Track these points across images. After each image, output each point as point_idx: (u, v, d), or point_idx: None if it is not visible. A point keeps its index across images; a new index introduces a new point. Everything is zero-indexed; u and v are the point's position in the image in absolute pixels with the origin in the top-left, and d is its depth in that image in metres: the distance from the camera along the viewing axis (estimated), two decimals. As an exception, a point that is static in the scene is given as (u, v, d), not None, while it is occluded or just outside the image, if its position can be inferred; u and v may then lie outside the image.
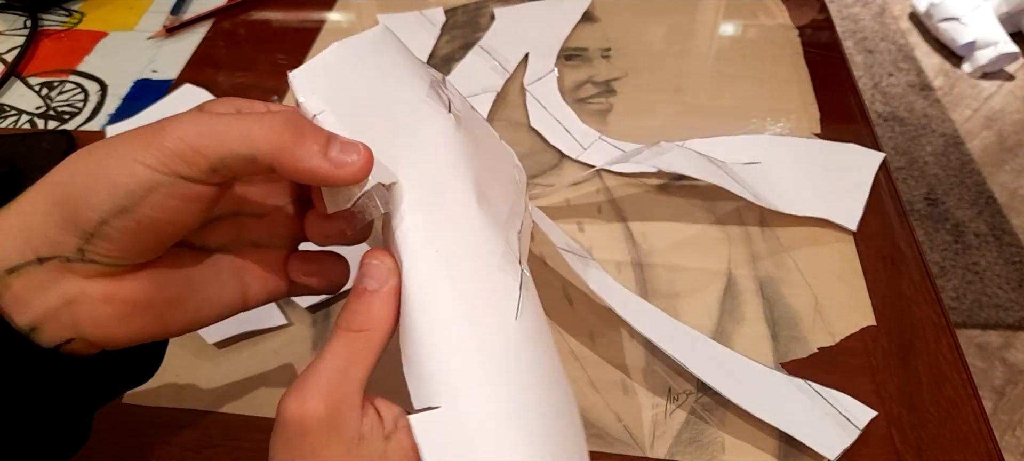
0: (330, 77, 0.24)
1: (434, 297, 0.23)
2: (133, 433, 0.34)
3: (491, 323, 0.23)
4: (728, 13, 0.60)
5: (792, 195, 0.42)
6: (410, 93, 0.25)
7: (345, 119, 0.23)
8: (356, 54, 0.25)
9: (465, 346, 0.23)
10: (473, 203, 0.24)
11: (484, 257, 0.24)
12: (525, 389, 0.23)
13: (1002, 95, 1.64)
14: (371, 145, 0.23)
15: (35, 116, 0.53)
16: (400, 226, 0.23)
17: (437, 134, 0.24)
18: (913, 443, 0.33)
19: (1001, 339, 1.19)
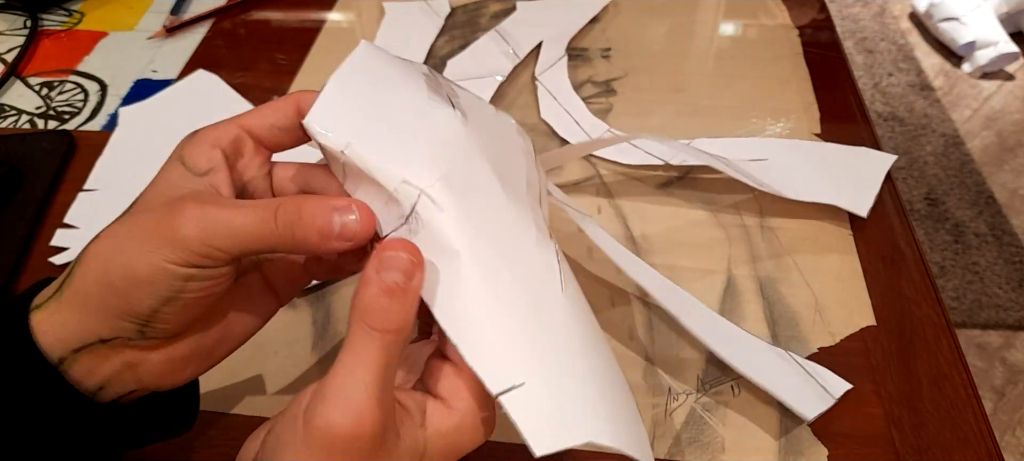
0: (339, 109, 0.24)
1: (495, 281, 0.23)
2: (133, 433, 0.34)
3: (544, 299, 0.24)
4: (728, 13, 0.60)
5: (801, 185, 0.43)
6: (413, 99, 0.25)
7: (368, 144, 0.24)
8: (352, 78, 0.25)
9: (528, 326, 0.23)
10: (499, 190, 0.25)
11: (522, 240, 0.25)
12: (586, 353, 0.24)
13: (1002, 95, 1.64)
14: (396, 159, 0.24)
15: (35, 116, 0.53)
16: (451, 219, 0.23)
17: (451, 133, 0.25)
18: (913, 443, 0.33)
19: (1001, 339, 1.19)
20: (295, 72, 0.55)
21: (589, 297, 0.38)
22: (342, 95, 0.25)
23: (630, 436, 0.24)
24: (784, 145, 0.47)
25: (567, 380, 0.23)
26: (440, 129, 0.25)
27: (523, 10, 0.59)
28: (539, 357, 0.23)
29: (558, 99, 0.51)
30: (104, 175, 0.46)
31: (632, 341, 0.37)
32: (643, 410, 0.34)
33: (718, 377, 0.35)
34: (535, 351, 0.23)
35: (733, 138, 0.48)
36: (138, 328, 0.23)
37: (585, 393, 0.23)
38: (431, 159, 0.24)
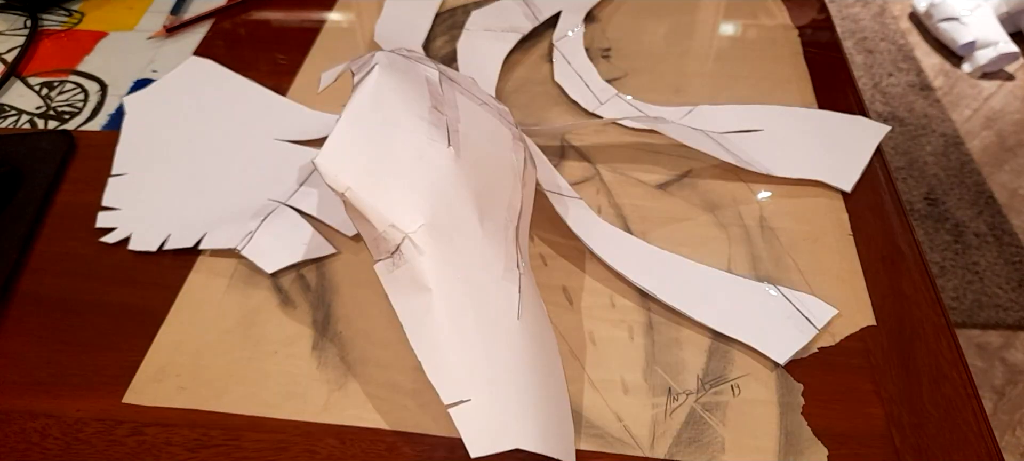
0: (347, 153, 0.28)
1: (458, 315, 0.28)
2: (132, 433, 0.34)
3: (501, 326, 0.29)
4: (728, 13, 0.60)
5: (788, 160, 0.45)
6: (414, 140, 0.29)
7: (365, 190, 0.28)
8: (363, 118, 0.29)
9: (483, 350, 0.28)
10: (477, 227, 0.29)
11: (490, 273, 0.29)
12: (530, 372, 0.29)
13: (1002, 95, 1.64)
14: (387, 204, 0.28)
15: (35, 116, 0.53)
16: (428, 262, 0.28)
17: (441, 175, 0.29)
18: (913, 443, 0.33)
19: (1001, 339, 1.19)
20: (295, 72, 0.55)
21: (589, 298, 0.39)
22: (350, 137, 0.29)
23: (557, 440, 0.29)
24: (780, 112, 0.49)
25: (506, 396, 0.28)
26: (434, 171, 0.29)
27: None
28: (486, 377, 0.28)
29: (572, 65, 0.54)
30: (126, 159, 0.48)
31: (632, 341, 0.37)
32: (643, 410, 0.34)
33: (718, 377, 0.35)
34: (483, 372, 0.28)
35: (732, 106, 0.50)
36: None
37: (520, 406, 0.28)
38: (420, 205, 0.28)
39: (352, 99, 0.30)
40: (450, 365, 0.28)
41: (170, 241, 0.42)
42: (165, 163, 0.47)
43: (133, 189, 0.46)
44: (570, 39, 0.56)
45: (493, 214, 0.30)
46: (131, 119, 0.51)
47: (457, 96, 0.33)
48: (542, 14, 0.57)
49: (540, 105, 0.51)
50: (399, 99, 0.30)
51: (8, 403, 0.35)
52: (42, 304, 0.40)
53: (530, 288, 0.31)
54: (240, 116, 0.50)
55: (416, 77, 0.32)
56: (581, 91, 0.51)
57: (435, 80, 0.33)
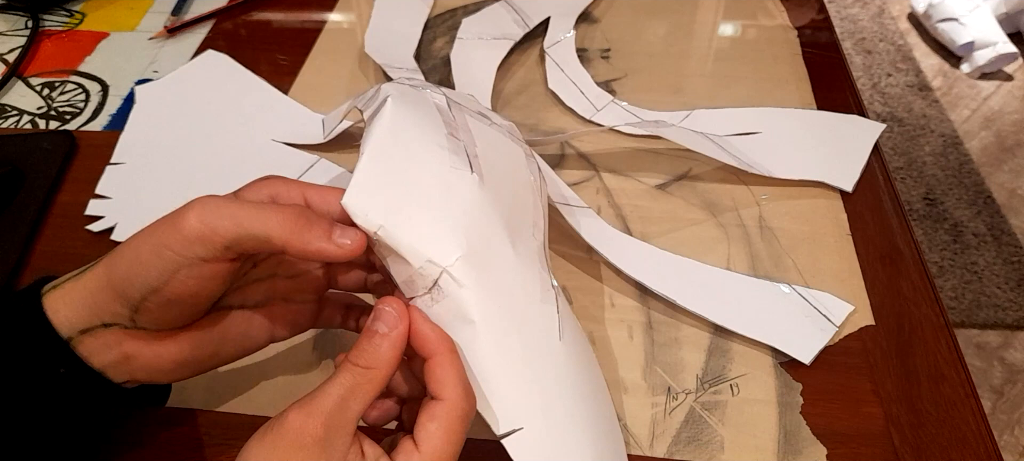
0: (373, 190, 0.27)
1: (503, 344, 0.27)
2: (133, 433, 0.34)
3: (544, 351, 0.28)
4: (728, 13, 0.60)
5: (788, 161, 0.45)
6: (439, 171, 0.29)
7: (398, 227, 0.27)
8: (384, 154, 0.28)
9: (532, 376, 0.28)
10: (510, 253, 0.29)
11: (529, 300, 0.29)
12: (576, 395, 0.29)
13: (1001, 95, 1.65)
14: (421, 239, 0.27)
15: (36, 116, 0.53)
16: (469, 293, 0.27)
17: (469, 204, 0.28)
18: (912, 443, 0.33)
19: (1000, 339, 1.20)
20: (296, 72, 0.55)
21: (589, 298, 0.39)
22: (375, 173, 0.28)
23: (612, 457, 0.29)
24: (776, 114, 0.49)
25: (559, 422, 0.28)
26: (462, 200, 0.28)
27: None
28: (537, 404, 0.27)
29: (565, 71, 0.53)
30: (128, 149, 0.48)
31: (632, 341, 0.37)
32: (643, 410, 0.34)
33: (718, 377, 0.35)
34: (533, 399, 0.27)
35: (729, 109, 0.50)
36: (130, 315, 0.25)
37: (573, 430, 0.28)
38: (453, 237, 0.27)
39: (370, 134, 0.29)
40: (500, 395, 0.27)
41: None
42: (164, 156, 0.47)
43: (128, 179, 0.46)
44: (561, 45, 0.55)
45: (523, 236, 0.30)
46: (140, 109, 0.51)
47: (467, 119, 0.32)
48: (532, 20, 0.57)
49: (537, 109, 0.51)
50: (416, 130, 0.29)
51: (10, 403, 0.35)
52: (43, 304, 0.40)
53: (566, 310, 0.31)
54: (244, 115, 0.50)
55: (427, 105, 0.31)
56: (576, 98, 0.51)
57: (444, 106, 0.32)
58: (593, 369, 0.31)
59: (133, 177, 0.46)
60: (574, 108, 0.50)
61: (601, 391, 0.31)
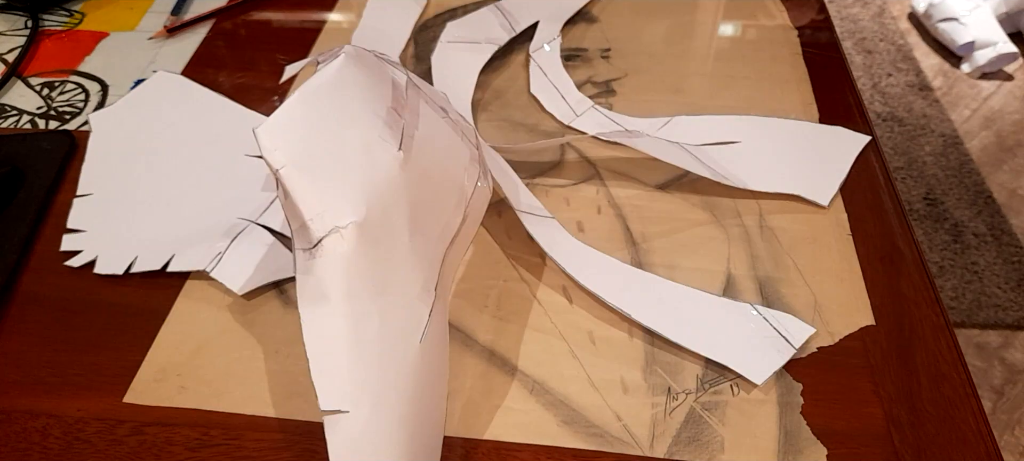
0: (292, 129, 0.27)
1: (361, 323, 0.27)
2: (133, 433, 0.34)
3: (400, 347, 0.28)
4: (728, 13, 0.60)
5: (764, 173, 0.44)
6: (364, 135, 0.28)
7: (302, 172, 0.26)
8: (317, 99, 0.28)
9: (378, 365, 0.27)
10: (405, 240, 0.28)
11: (405, 291, 0.28)
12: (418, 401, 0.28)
13: (1001, 95, 1.65)
14: (322, 192, 0.26)
15: (36, 116, 0.53)
16: (347, 260, 0.26)
17: (384, 176, 0.28)
18: (912, 443, 0.33)
19: (1000, 339, 1.20)
20: (295, 72, 0.55)
21: (588, 298, 0.39)
22: (299, 114, 0.27)
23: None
24: (758, 123, 0.48)
25: (387, 419, 0.27)
26: (377, 171, 0.27)
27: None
28: (372, 394, 0.27)
29: (548, 75, 0.53)
30: (93, 179, 0.46)
31: (632, 341, 0.37)
32: (643, 409, 0.34)
33: (718, 377, 0.35)
34: (370, 388, 0.27)
35: (710, 116, 0.49)
36: None
37: (399, 434, 0.27)
38: (353, 201, 0.27)
39: (310, 79, 0.28)
40: (338, 370, 0.26)
41: (137, 264, 0.40)
42: (132, 182, 0.45)
43: (99, 209, 0.44)
44: (546, 51, 0.55)
45: (426, 230, 0.29)
46: (97, 137, 0.49)
47: (421, 104, 0.31)
48: (519, 24, 0.57)
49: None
50: (357, 90, 0.29)
51: (9, 403, 0.35)
52: (42, 304, 0.40)
53: (440, 317, 0.30)
54: (209, 132, 0.49)
55: (382, 75, 0.30)
56: (557, 103, 0.51)
57: (401, 83, 0.31)
58: (440, 387, 0.31)
59: (104, 207, 0.44)
60: (553, 113, 0.50)
61: (438, 414, 0.31)
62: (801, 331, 0.36)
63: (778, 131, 0.48)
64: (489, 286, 0.39)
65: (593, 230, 0.42)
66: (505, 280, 0.40)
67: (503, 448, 0.33)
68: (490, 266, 0.40)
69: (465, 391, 0.35)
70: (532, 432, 0.33)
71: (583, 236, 0.42)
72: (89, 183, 0.46)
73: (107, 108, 0.52)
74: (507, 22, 0.57)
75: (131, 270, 0.40)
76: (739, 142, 0.46)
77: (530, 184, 0.45)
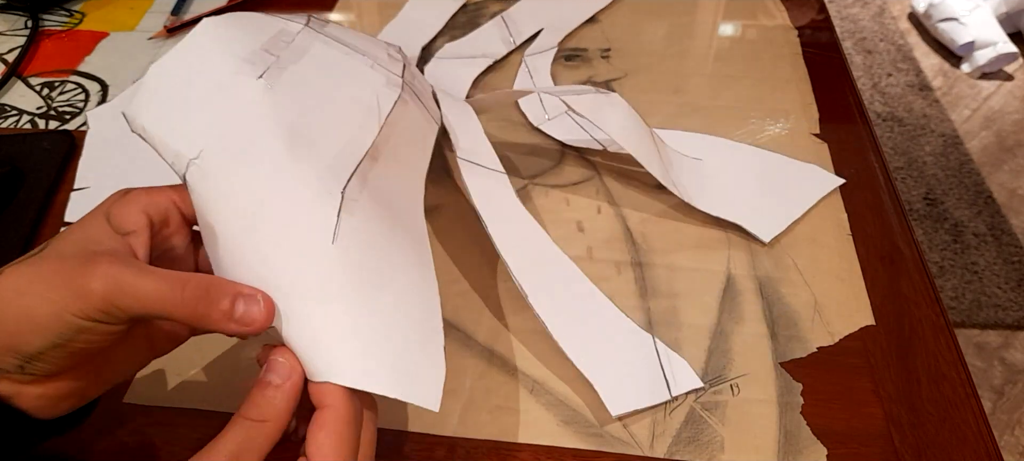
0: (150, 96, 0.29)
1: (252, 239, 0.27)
2: (133, 433, 0.34)
3: (306, 247, 0.27)
4: (728, 13, 0.60)
5: (715, 196, 0.43)
6: (216, 75, 0.29)
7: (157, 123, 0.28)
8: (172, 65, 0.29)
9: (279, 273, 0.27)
10: (283, 153, 0.28)
11: (295, 194, 0.28)
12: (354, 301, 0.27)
13: (1001, 95, 1.65)
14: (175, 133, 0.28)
15: (36, 116, 0.53)
16: (216, 184, 0.27)
17: (239, 101, 0.28)
18: (912, 443, 0.33)
19: (1000, 339, 1.20)
20: (295, 72, 0.55)
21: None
22: (156, 84, 0.29)
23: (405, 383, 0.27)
24: (726, 146, 0.47)
25: (315, 324, 0.26)
26: (232, 101, 0.28)
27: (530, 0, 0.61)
28: (288, 298, 0.26)
29: (533, 79, 0.53)
30: (89, 174, 0.47)
31: (632, 341, 0.37)
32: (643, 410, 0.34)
33: (718, 377, 0.35)
34: (284, 293, 0.26)
35: (681, 132, 0.48)
36: (19, 364, 0.24)
37: (333, 337, 0.26)
38: (202, 131, 0.28)
39: (164, 56, 0.30)
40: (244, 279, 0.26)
41: None
42: (127, 176, 0.46)
43: (95, 203, 0.45)
44: (541, 56, 0.55)
45: (315, 143, 0.29)
46: (94, 133, 0.50)
47: (315, 44, 0.32)
48: (522, 35, 0.57)
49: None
50: (215, 44, 0.30)
51: (9, 403, 0.35)
52: (43, 304, 0.40)
53: (378, 224, 0.29)
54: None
55: (262, 28, 0.32)
56: (532, 103, 0.50)
57: (292, 30, 0.32)
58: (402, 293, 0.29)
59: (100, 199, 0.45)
60: (526, 113, 0.50)
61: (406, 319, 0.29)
62: (688, 380, 0.35)
63: (746, 158, 0.46)
64: (489, 286, 0.39)
65: (593, 230, 0.42)
66: (505, 280, 0.40)
67: (503, 448, 0.33)
68: (490, 266, 0.40)
69: (465, 391, 0.35)
70: (532, 432, 0.33)
71: (583, 236, 0.42)
72: (86, 177, 0.47)
73: (105, 105, 0.52)
74: (508, 35, 0.57)
75: None
76: (701, 160, 0.45)
77: (530, 184, 0.45)
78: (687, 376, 0.35)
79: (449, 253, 0.41)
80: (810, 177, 0.45)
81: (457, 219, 0.43)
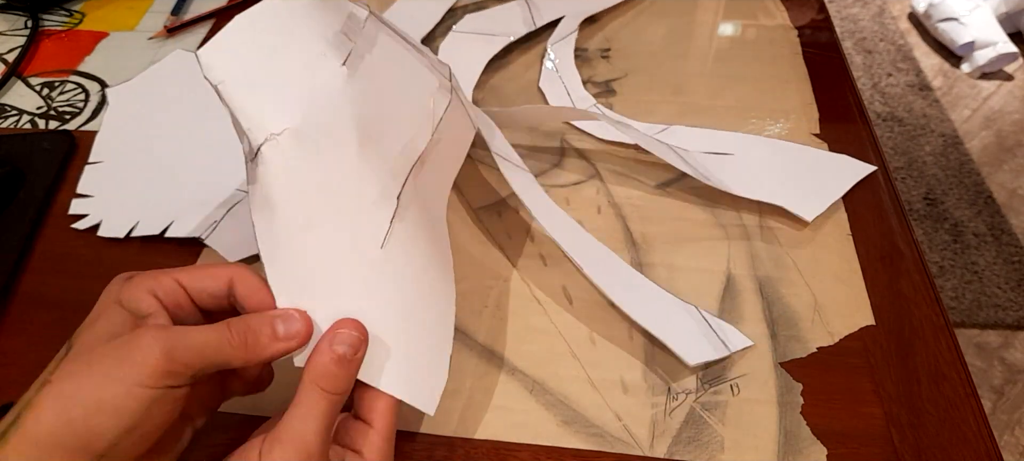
0: (231, 49, 0.28)
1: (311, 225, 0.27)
2: (134, 432, 0.34)
3: (356, 252, 0.28)
4: (728, 13, 0.60)
5: (752, 183, 0.43)
6: (305, 52, 0.29)
7: (242, 85, 0.27)
8: (259, 20, 0.28)
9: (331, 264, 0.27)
10: (353, 150, 0.28)
11: (360, 196, 0.28)
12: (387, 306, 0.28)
13: (1001, 95, 1.65)
14: (259, 103, 0.27)
15: (36, 116, 0.53)
16: (283, 171, 0.27)
17: (326, 89, 0.28)
18: (912, 443, 0.33)
19: (1000, 339, 1.20)
20: (295, 72, 0.55)
21: (588, 298, 0.39)
22: (239, 38, 0.28)
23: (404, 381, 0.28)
24: (753, 142, 0.47)
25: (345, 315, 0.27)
26: (317, 84, 0.28)
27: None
28: (328, 292, 0.27)
29: (559, 70, 0.53)
30: (105, 148, 0.49)
31: (632, 341, 0.37)
32: (643, 410, 0.34)
33: (718, 377, 0.35)
34: (326, 287, 0.27)
35: (709, 130, 0.48)
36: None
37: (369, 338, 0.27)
38: (288, 110, 0.27)
39: (257, 4, 0.29)
40: (294, 270, 0.27)
41: (138, 228, 0.42)
42: (141, 152, 0.48)
43: (108, 177, 0.46)
44: (562, 44, 0.55)
45: (381, 143, 0.30)
46: (113, 109, 0.52)
47: (381, 35, 0.32)
48: (542, 18, 0.57)
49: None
50: (304, 15, 0.29)
51: (9, 403, 0.35)
52: (42, 304, 0.40)
53: (420, 232, 0.30)
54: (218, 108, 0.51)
55: (337, 6, 0.31)
56: (561, 98, 0.51)
57: (360, 16, 0.32)
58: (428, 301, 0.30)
59: (113, 174, 0.47)
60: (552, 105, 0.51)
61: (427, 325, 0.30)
62: (739, 340, 0.36)
63: (777, 151, 0.47)
64: (489, 286, 0.39)
65: (593, 230, 0.42)
66: (505, 280, 0.40)
67: (503, 448, 0.33)
68: (490, 266, 0.40)
69: (465, 391, 0.35)
70: (532, 432, 0.33)
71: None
72: (101, 151, 0.48)
73: (125, 84, 0.54)
74: (530, 16, 0.57)
75: (132, 234, 0.42)
76: (732, 155, 0.46)
77: (530, 184, 0.45)
78: (736, 336, 0.36)
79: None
80: (841, 165, 0.46)
81: (457, 219, 0.43)
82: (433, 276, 0.31)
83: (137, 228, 0.42)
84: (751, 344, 0.36)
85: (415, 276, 0.30)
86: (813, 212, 0.42)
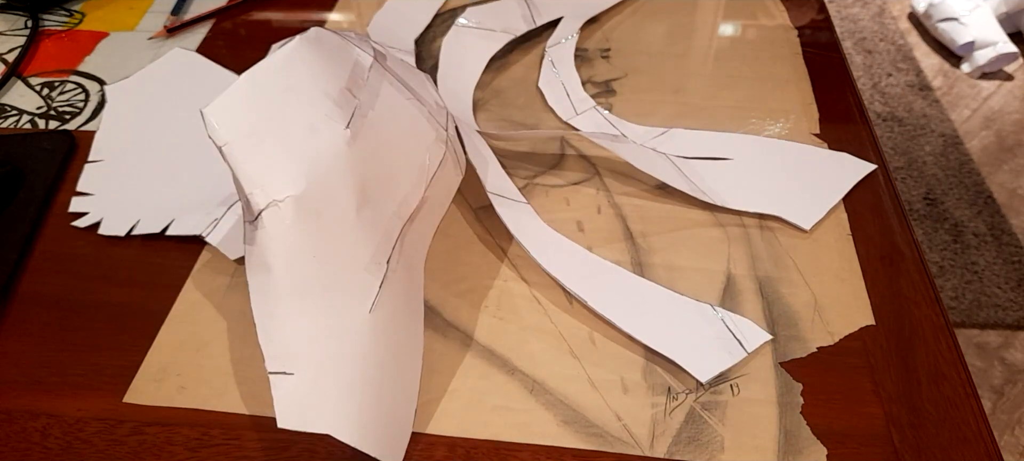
0: (237, 109, 0.28)
1: (305, 292, 0.28)
2: (133, 433, 0.34)
3: (346, 316, 0.29)
4: (728, 13, 0.60)
5: (749, 193, 0.43)
6: (310, 113, 0.29)
7: (244, 149, 0.27)
8: (264, 80, 0.29)
9: (324, 332, 0.28)
10: (352, 214, 0.29)
11: (353, 261, 0.29)
12: (370, 368, 0.29)
13: (1001, 95, 1.65)
14: (262, 168, 0.27)
15: (36, 116, 0.53)
16: (287, 232, 0.27)
17: (329, 153, 0.29)
18: (912, 443, 0.33)
19: (1000, 339, 1.20)
20: (295, 72, 0.55)
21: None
22: (245, 94, 0.28)
23: (379, 441, 0.29)
24: (754, 142, 0.47)
25: (334, 383, 0.28)
26: (320, 148, 0.29)
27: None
28: (317, 358, 0.28)
29: (558, 71, 0.53)
30: (104, 146, 0.49)
31: (632, 341, 0.37)
32: (643, 410, 0.34)
33: (718, 377, 0.35)
34: (315, 353, 0.28)
35: (708, 132, 0.48)
36: None
37: (346, 397, 0.28)
38: (292, 176, 0.28)
39: (261, 62, 0.29)
40: (284, 335, 0.28)
41: (139, 226, 0.42)
42: (141, 150, 0.48)
43: (108, 175, 0.47)
44: (562, 45, 0.55)
45: (378, 205, 0.30)
46: (112, 107, 0.52)
47: (384, 85, 0.32)
48: (541, 18, 0.57)
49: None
50: (308, 72, 0.30)
51: (9, 403, 0.35)
52: (42, 304, 0.40)
53: (401, 291, 0.31)
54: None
55: (342, 57, 0.31)
56: (560, 99, 0.51)
57: (364, 65, 0.32)
58: (403, 363, 0.31)
59: (113, 172, 0.47)
60: (555, 109, 0.50)
61: (401, 386, 0.31)
62: (756, 336, 0.36)
63: (777, 153, 0.46)
64: (489, 286, 0.39)
65: (593, 230, 0.42)
66: (505, 280, 0.40)
67: (503, 448, 0.33)
68: (490, 266, 0.40)
69: (465, 391, 0.35)
70: (532, 432, 0.33)
71: (583, 236, 0.42)
72: (100, 149, 0.48)
73: (123, 81, 0.54)
74: (529, 14, 0.57)
75: (132, 232, 0.42)
76: (731, 160, 0.46)
77: (530, 183, 0.45)
78: (755, 332, 0.36)
79: (449, 253, 0.41)
80: (841, 164, 0.45)
81: (457, 219, 0.43)
82: (410, 332, 0.32)
83: (138, 226, 0.42)
84: (771, 337, 0.36)
85: (395, 336, 0.31)
86: (812, 220, 0.42)
